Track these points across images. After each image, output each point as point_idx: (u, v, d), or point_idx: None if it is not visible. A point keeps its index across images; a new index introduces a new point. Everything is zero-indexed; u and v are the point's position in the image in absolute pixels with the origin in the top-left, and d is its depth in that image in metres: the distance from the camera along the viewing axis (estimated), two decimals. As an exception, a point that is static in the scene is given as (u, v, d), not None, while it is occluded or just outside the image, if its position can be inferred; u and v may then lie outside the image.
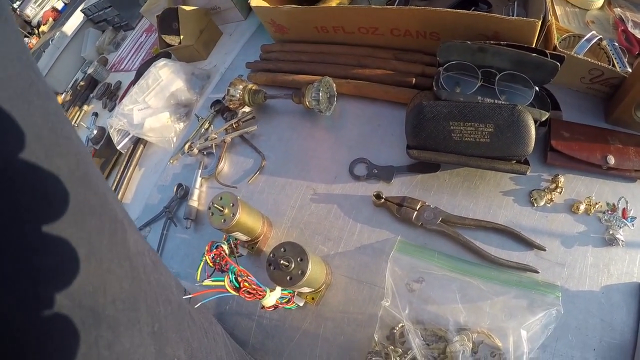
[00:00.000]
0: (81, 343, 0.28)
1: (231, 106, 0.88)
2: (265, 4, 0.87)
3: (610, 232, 0.57)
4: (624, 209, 0.59)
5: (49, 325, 0.27)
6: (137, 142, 1.06)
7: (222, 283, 0.52)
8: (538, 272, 0.57)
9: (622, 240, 0.56)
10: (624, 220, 0.58)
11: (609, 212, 0.59)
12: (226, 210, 0.62)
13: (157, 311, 0.38)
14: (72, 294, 0.28)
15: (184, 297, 0.49)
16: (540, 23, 0.62)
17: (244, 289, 0.53)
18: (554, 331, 0.52)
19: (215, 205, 0.63)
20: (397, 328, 0.56)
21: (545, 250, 0.58)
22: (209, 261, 0.58)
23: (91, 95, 1.43)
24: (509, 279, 0.57)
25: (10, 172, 0.25)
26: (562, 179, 0.62)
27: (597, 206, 0.60)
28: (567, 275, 0.56)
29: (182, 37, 1.07)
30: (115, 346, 0.31)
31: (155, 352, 0.36)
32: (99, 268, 0.31)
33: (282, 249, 0.56)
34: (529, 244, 0.59)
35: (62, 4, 2.07)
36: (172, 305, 0.43)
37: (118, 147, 1.06)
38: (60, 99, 1.54)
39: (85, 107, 1.40)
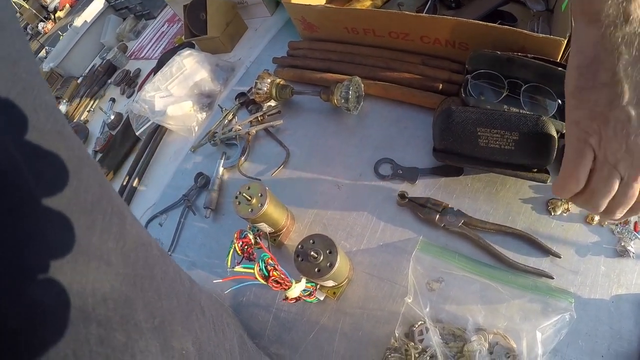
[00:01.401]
0: (70, 341, 0.28)
1: (257, 99, 0.89)
2: (298, 1, 0.89)
3: (622, 244, 0.59)
4: (635, 222, 0.60)
5: (35, 324, 0.27)
6: (157, 128, 1.07)
7: (252, 270, 0.53)
8: (553, 278, 0.59)
9: (633, 253, 0.58)
10: (636, 233, 0.59)
11: (621, 224, 0.61)
12: (254, 200, 0.64)
13: (158, 306, 0.38)
14: (58, 294, 0.28)
15: (214, 282, 0.50)
16: (566, 41, 0.65)
17: (272, 277, 0.54)
18: (565, 336, 0.53)
19: (243, 194, 0.64)
20: (417, 325, 0.58)
21: (560, 257, 0.60)
22: (237, 249, 0.59)
23: (109, 81, 1.44)
24: (525, 283, 0.59)
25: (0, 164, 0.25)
26: None
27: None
28: (580, 282, 0.58)
29: (208, 28, 1.08)
30: (108, 341, 0.31)
31: (160, 345, 0.36)
32: (86, 267, 0.30)
33: (311, 241, 0.57)
34: (545, 251, 0.61)
35: (82, -11, 2.07)
36: (179, 298, 0.42)
37: (137, 133, 1.07)
38: (76, 83, 1.55)
39: (102, 92, 1.41)
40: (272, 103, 0.92)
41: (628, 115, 0.38)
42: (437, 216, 0.66)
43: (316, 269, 0.55)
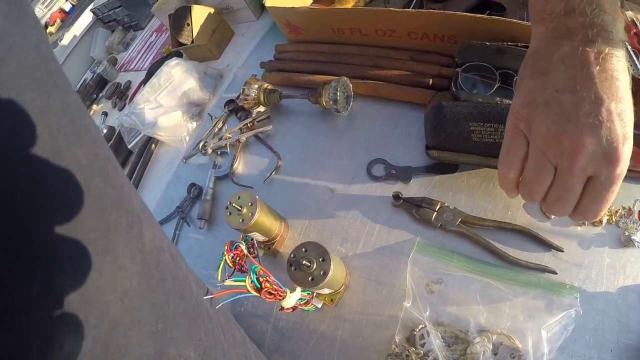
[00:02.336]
0: (82, 342, 0.28)
1: (246, 105, 0.88)
2: (280, 5, 0.87)
3: (626, 234, 0.57)
4: (639, 212, 0.59)
5: (56, 321, 0.27)
6: (149, 141, 1.06)
7: (243, 283, 0.52)
8: (556, 273, 0.57)
9: (638, 242, 0.56)
10: (641, 223, 0.58)
11: (625, 215, 0.59)
12: (244, 210, 0.62)
13: (165, 310, 0.38)
14: (83, 290, 0.28)
15: (204, 298, 0.49)
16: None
17: (265, 289, 0.53)
18: (572, 332, 0.52)
19: (233, 204, 0.63)
20: (418, 330, 0.56)
21: (563, 251, 0.58)
22: (228, 261, 0.58)
23: (100, 94, 1.44)
24: (528, 280, 0.57)
25: (30, 161, 0.25)
26: None
27: (617, 214, 0.59)
28: (585, 276, 0.56)
29: (194, 36, 1.07)
30: (110, 346, 0.30)
31: (154, 352, 0.35)
32: (114, 264, 0.31)
33: (303, 249, 0.56)
34: (547, 245, 0.59)
35: (70, 6, 2.07)
36: (185, 303, 0.42)
37: (129, 146, 1.07)
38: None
39: (94, 107, 1.40)
40: (261, 109, 0.91)
41: (559, 101, 0.38)
42: (434, 215, 0.64)
43: (310, 278, 0.54)
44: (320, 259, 0.54)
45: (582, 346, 0.53)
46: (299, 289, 0.56)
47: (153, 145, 1.05)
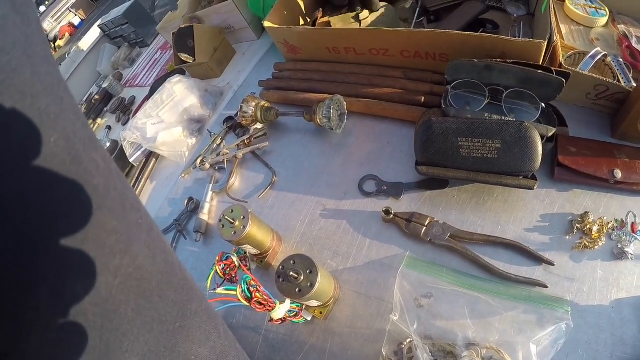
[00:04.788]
0: (86, 343, 0.28)
1: (243, 122, 0.90)
2: (278, 25, 0.90)
3: (619, 246, 0.57)
4: (632, 224, 0.59)
5: (64, 322, 0.27)
6: (150, 155, 1.08)
7: (234, 292, 0.53)
8: (547, 287, 0.57)
9: (632, 254, 0.56)
10: (634, 235, 0.58)
11: (618, 228, 0.59)
12: (237, 223, 0.63)
13: (186, 308, 0.38)
14: (94, 293, 0.28)
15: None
16: (546, 43, 0.64)
17: (255, 299, 0.54)
18: (564, 347, 0.51)
19: (226, 217, 0.64)
20: (405, 343, 0.56)
21: (554, 265, 0.58)
22: (219, 271, 0.59)
23: (105, 109, 1.47)
24: (518, 294, 0.57)
25: (51, 167, 0.25)
26: (591, 217, 0.60)
27: (609, 225, 0.59)
28: (577, 289, 0.56)
29: (196, 54, 1.10)
30: (111, 344, 0.30)
31: (165, 350, 0.35)
32: (130, 266, 0.30)
33: (291, 262, 0.56)
34: (538, 259, 0.59)
35: (79, 20, 2.14)
36: (206, 302, 0.43)
37: (131, 160, 1.08)
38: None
39: (99, 121, 1.43)
40: (259, 126, 0.92)
41: None
42: (423, 230, 0.64)
43: (297, 289, 0.54)
44: (308, 271, 0.55)
45: (574, 361, 0.52)
46: (288, 301, 0.56)
47: (154, 160, 1.07)
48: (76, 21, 2.24)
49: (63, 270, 0.26)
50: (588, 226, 0.60)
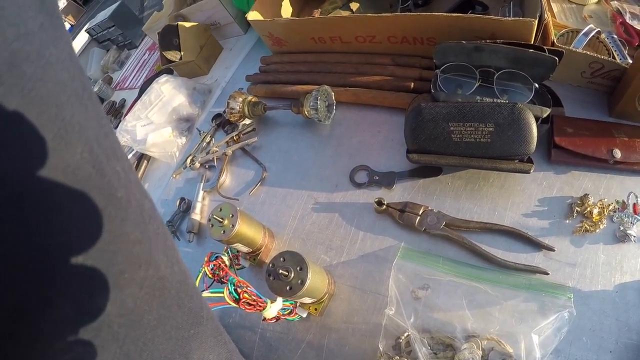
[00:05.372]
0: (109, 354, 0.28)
1: (231, 119, 0.88)
2: (262, 18, 0.88)
3: (622, 229, 0.55)
4: (634, 205, 0.57)
5: (91, 337, 0.26)
6: (141, 157, 1.06)
7: (221, 295, 0.52)
8: (548, 274, 0.55)
9: (635, 236, 0.54)
10: (637, 217, 0.56)
11: (620, 209, 0.57)
12: (226, 222, 0.62)
13: (199, 315, 0.38)
14: (120, 306, 0.28)
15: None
16: (536, 22, 0.62)
17: (243, 300, 0.52)
18: (568, 335, 0.50)
19: (214, 216, 0.62)
20: (403, 337, 0.55)
21: (554, 250, 0.56)
22: (207, 272, 0.57)
23: (97, 114, 1.45)
24: (518, 282, 0.55)
25: (75, 179, 0.24)
26: (591, 199, 0.59)
27: (610, 207, 0.57)
28: (579, 275, 0.54)
29: (182, 53, 1.08)
30: (131, 354, 0.30)
31: (179, 356, 0.35)
32: (154, 276, 0.30)
33: (281, 259, 0.55)
34: (537, 245, 0.57)
35: (69, 26, 2.12)
36: (210, 311, 0.43)
37: (122, 164, 1.07)
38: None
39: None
40: (247, 121, 0.91)
41: None
42: (417, 220, 0.62)
43: (288, 287, 0.53)
44: (298, 268, 0.53)
45: (579, 349, 0.50)
46: (280, 299, 0.55)
47: (145, 162, 1.05)
48: (66, 26, 2.22)
49: (88, 284, 0.26)
50: (588, 209, 0.58)
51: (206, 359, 0.40)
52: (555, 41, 0.64)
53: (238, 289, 0.52)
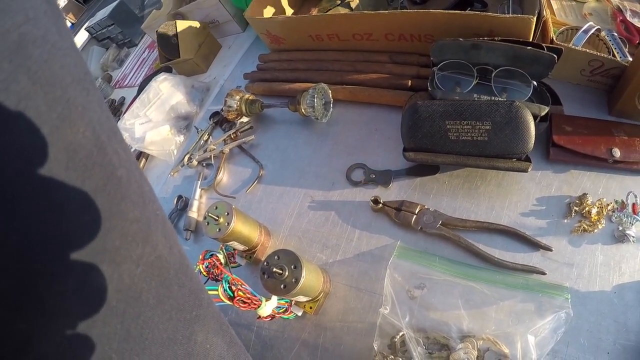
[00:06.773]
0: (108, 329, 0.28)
1: (229, 117, 0.88)
2: (260, 16, 0.88)
3: (620, 229, 0.55)
4: (633, 204, 0.56)
5: (87, 312, 0.27)
6: (139, 155, 1.06)
7: (215, 292, 0.51)
8: (545, 274, 0.55)
9: (633, 237, 0.54)
10: (636, 217, 0.55)
11: (619, 209, 0.57)
12: (221, 220, 0.62)
13: (200, 297, 0.38)
14: (117, 281, 0.28)
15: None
16: (535, 19, 0.61)
17: (238, 298, 0.52)
18: (565, 335, 0.49)
19: (210, 214, 0.62)
20: (398, 337, 0.54)
21: (552, 250, 0.56)
22: (202, 270, 0.57)
23: (96, 112, 1.45)
24: (515, 282, 0.55)
25: (78, 158, 0.25)
26: (589, 198, 0.58)
27: (609, 207, 0.57)
28: (576, 275, 0.54)
29: (181, 51, 1.07)
30: (132, 331, 0.31)
31: (182, 338, 0.36)
32: (152, 254, 0.31)
33: (275, 257, 0.54)
34: (535, 245, 0.57)
35: (70, 24, 2.12)
36: (210, 296, 0.43)
37: (121, 162, 1.07)
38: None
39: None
40: (244, 119, 0.90)
41: None
42: (414, 219, 0.62)
43: (282, 285, 0.53)
44: (292, 266, 0.53)
45: (576, 349, 0.50)
46: (274, 297, 0.54)
47: (143, 160, 1.05)
48: (67, 24, 2.23)
49: (88, 258, 0.26)
50: (587, 208, 0.57)
51: (210, 341, 0.40)
52: (554, 38, 0.64)
53: (232, 286, 0.52)
